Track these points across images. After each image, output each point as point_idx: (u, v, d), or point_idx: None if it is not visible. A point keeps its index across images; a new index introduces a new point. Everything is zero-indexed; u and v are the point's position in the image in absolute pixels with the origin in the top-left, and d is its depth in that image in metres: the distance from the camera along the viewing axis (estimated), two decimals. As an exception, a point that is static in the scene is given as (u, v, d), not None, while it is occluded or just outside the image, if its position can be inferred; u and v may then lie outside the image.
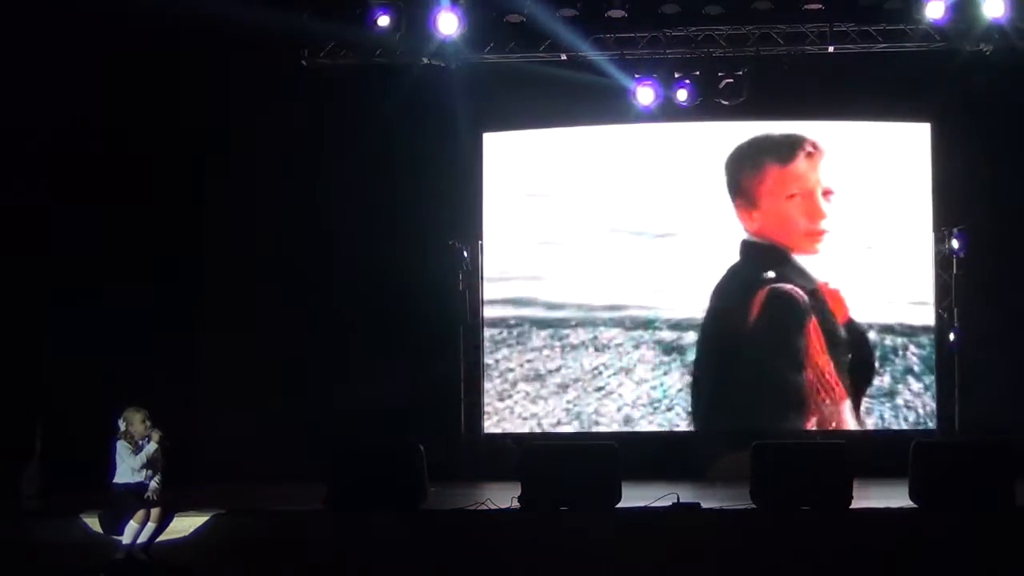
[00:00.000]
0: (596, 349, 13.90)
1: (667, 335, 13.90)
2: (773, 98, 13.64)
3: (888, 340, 13.65)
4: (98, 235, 12.73)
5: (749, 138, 14.09)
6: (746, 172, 14.12)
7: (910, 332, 13.79)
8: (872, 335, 13.74)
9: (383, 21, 12.67)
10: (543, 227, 14.04)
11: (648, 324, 13.90)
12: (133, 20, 12.28)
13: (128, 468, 9.28)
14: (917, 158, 13.74)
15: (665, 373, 13.88)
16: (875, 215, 13.69)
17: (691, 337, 13.88)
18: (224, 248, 14.15)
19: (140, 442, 9.30)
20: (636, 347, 13.87)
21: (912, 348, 13.66)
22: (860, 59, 13.42)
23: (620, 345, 13.90)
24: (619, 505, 10.03)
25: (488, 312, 14.08)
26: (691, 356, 13.85)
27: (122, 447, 9.30)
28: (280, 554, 9.60)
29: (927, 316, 13.71)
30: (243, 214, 14.13)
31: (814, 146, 13.97)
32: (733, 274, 14.06)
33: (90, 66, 12.44)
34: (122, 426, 9.31)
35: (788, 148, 14.03)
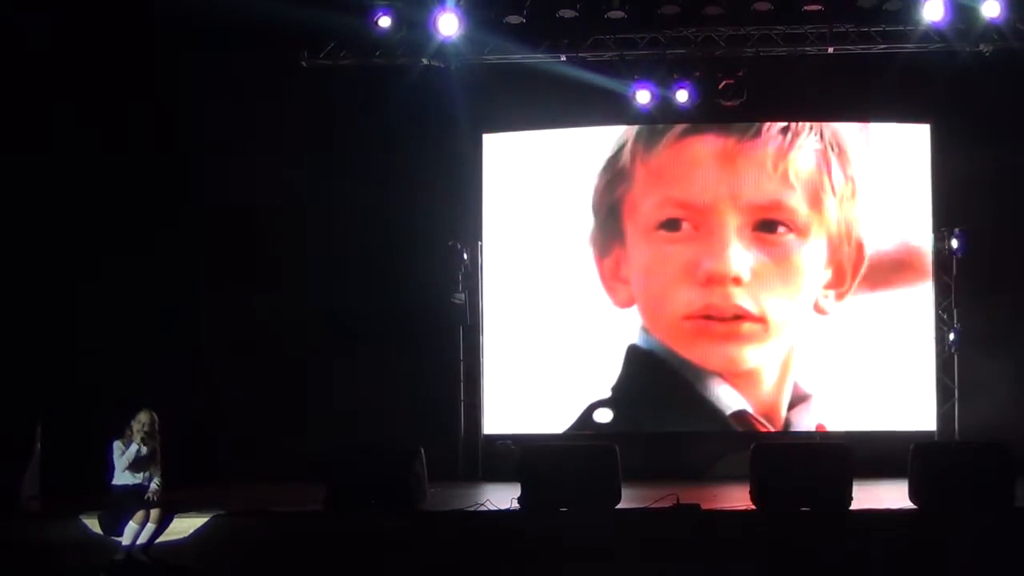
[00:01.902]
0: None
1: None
2: (773, 99, 13.64)
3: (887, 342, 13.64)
4: (98, 236, 12.73)
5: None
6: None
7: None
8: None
9: (384, 22, 12.71)
10: (542, 228, 14.04)
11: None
12: (133, 20, 12.29)
13: (119, 468, 9.28)
14: (917, 158, 13.72)
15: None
16: (875, 216, 13.66)
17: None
18: (224, 248, 14.14)
19: (130, 443, 9.29)
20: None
21: (911, 350, 13.66)
22: (860, 60, 13.42)
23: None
24: (619, 505, 10.03)
25: (487, 313, 14.10)
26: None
27: (115, 447, 9.29)
28: (280, 554, 9.59)
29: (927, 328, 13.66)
30: (243, 214, 14.12)
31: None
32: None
33: (89, 66, 12.45)
34: (131, 423, 9.33)
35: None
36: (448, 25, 12.75)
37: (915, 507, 9.87)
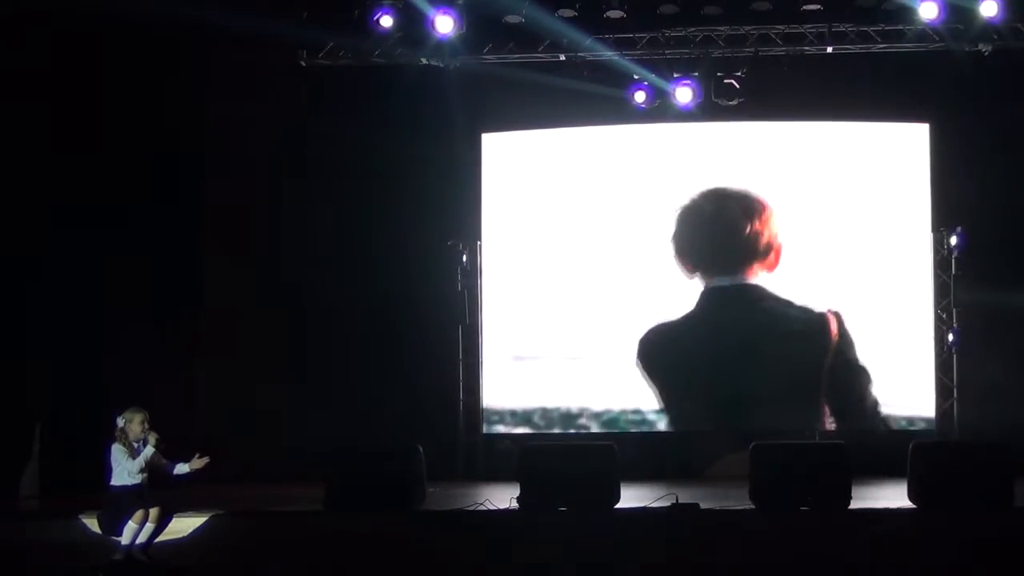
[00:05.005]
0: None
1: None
2: (772, 99, 13.64)
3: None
4: (98, 235, 12.73)
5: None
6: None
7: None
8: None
9: (385, 21, 12.73)
10: (542, 227, 14.03)
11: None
12: (131, 21, 12.28)
13: (125, 471, 9.19)
14: (916, 158, 13.72)
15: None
16: (874, 215, 13.65)
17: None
18: (223, 248, 14.14)
19: (136, 445, 9.23)
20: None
21: (910, 350, 13.65)
22: (858, 59, 13.43)
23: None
24: (618, 505, 10.04)
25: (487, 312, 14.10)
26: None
27: (117, 451, 9.18)
28: (280, 554, 9.59)
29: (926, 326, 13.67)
30: (242, 214, 14.13)
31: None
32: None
33: (87, 67, 12.45)
34: (120, 423, 9.22)
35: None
36: (446, 24, 12.76)
37: (914, 507, 9.88)
